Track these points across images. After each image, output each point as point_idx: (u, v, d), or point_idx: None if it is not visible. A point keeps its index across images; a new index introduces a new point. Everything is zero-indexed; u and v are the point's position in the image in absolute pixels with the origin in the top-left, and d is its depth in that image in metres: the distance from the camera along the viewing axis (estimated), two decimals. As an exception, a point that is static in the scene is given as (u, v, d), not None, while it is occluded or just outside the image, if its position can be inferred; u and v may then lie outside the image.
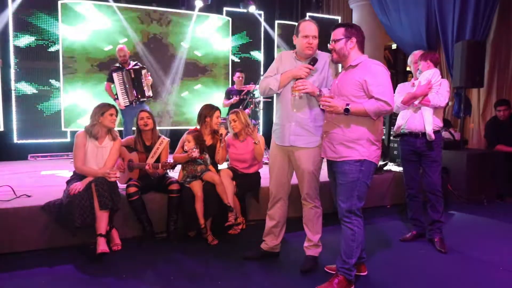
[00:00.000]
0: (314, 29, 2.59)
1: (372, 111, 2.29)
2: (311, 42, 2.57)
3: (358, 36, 2.41)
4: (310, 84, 2.49)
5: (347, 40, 2.40)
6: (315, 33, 2.59)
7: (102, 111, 3.12)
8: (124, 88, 5.04)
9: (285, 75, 2.61)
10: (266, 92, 2.71)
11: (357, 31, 2.42)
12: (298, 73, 2.52)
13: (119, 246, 3.09)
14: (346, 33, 2.40)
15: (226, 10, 7.36)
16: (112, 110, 3.16)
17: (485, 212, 4.39)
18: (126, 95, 5.06)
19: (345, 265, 2.39)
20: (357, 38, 2.40)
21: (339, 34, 2.42)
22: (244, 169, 3.63)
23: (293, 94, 2.51)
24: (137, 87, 5.08)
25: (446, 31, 5.85)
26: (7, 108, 5.85)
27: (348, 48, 2.41)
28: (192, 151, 3.26)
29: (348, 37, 2.40)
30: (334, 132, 2.42)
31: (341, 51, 2.42)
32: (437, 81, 3.20)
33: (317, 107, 2.58)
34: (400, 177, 4.36)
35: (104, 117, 3.12)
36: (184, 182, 3.39)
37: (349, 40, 2.40)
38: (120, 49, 5.12)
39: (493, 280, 2.67)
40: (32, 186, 3.78)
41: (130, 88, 5.05)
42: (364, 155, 2.35)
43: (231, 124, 3.58)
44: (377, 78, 2.30)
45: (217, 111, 3.60)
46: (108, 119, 3.13)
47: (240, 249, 3.07)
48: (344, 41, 2.40)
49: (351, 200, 2.37)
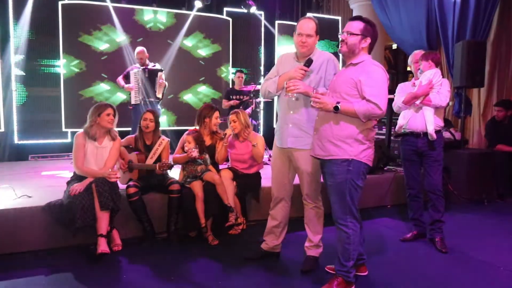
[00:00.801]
0: (308, 27, 2.55)
1: (362, 113, 2.21)
2: (304, 40, 2.55)
3: (373, 38, 2.33)
4: (302, 84, 2.47)
5: (362, 38, 2.31)
6: (308, 31, 2.55)
7: (98, 112, 3.09)
8: (138, 86, 5.16)
9: (282, 77, 2.61)
10: (266, 94, 2.74)
11: (374, 33, 2.33)
12: (293, 75, 2.51)
13: (119, 246, 3.09)
14: (365, 31, 2.30)
15: (226, 10, 7.36)
16: (109, 110, 3.12)
17: (486, 212, 4.39)
18: (138, 93, 5.17)
19: (343, 268, 2.37)
20: (372, 39, 2.33)
21: (356, 29, 2.31)
22: (245, 170, 3.63)
23: (287, 95, 2.50)
24: (149, 88, 5.17)
25: (447, 31, 5.85)
26: (8, 108, 5.85)
27: (360, 46, 2.32)
28: (191, 151, 3.27)
29: (364, 36, 2.31)
30: (323, 129, 2.37)
31: (352, 47, 2.32)
32: (438, 81, 3.19)
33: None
34: (401, 177, 4.36)
35: (101, 118, 3.09)
36: (185, 183, 3.39)
37: (364, 39, 2.32)
38: (139, 51, 5.23)
39: (493, 280, 2.67)
40: (32, 187, 3.78)
41: (143, 87, 5.15)
42: (351, 154, 2.28)
43: (231, 125, 3.58)
44: (372, 79, 2.23)
45: (216, 111, 3.60)
46: (105, 119, 3.10)
47: (241, 249, 3.08)
48: (360, 38, 2.30)
49: (343, 202, 2.32)
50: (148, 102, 5.15)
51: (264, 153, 3.61)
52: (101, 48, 6.38)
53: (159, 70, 5.29)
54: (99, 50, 6.36)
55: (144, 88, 5.14)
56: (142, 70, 5.17)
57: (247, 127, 3.56)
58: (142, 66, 5.21)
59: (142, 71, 5.17)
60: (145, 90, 5.14)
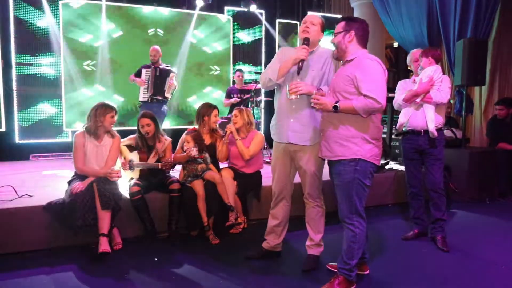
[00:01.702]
0: (313, 17, 2.62)
1: (361, 109, 2.21)
2: (308, 26, 2.57)
3: (358, 29, 2.33)
4: (304, 84, 2.44)
5: (345, 33, 2.33)
6: (312, 19, 2.59)
7: (104, 113, 3.12)
8: (147, 83, 5.19)
9: (284, 63, 2.55)
10: (266, 83, 2.64)
11: (358, 25, 2.33)
12: (297, 56, 2.47)
13: (120, 245, 3.09)
14: (346, 26, 2.34)
15: (227, 9, 7.35)
16: (113, 113, 3.17)
17: (487, 210, 4.38)
18: (146, 90, 5.21)
19: (346, 266, 2.37)
20: (357, 31, 2.32)
21: (339, 28, 2.37)
22: (243, 168, 3.60)
23: (289, 97, 2.45)
24: (158, 86, 5.19)
25: (448, 29, 5.83)
26: (9, 108, 5.86)
27: (346, 41, 2.34)
28: (190, 151, 3.26)
29: (347, 31, 2.33)
30: (329, 130, 2.37)
31: (339, 44, 2.37)
32: (439, 78, 3.17)
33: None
34: (402, 176, 4.35)
35: (105, 118, 3.12)
36: (185, 182, 3.39)
37: (348, 33, 2.33)
38: (152, 49, 5.24)
39: (495, 279, 2.66)
40: (34, 186, 3.78)
41: (151, 85, 5.17)
42: (358, 154, 2.28)
43: (232, 119, 3.57)
44: (368, 74, 2.22)
45: (215, 109, 3.60)
46: (108, 120, 3.13)
47: (242, 248, 3.07)
48: (343, 34, 2.34)
49: (350, 201, 2.32)
50: (155, 100, 5.18)
51: (254, 152, 3.52)
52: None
53: (171, 71, 5.31)
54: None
55: (153, 86, 5.16)
56: (154, 68, 5.19)
57: (250, 125, 3.55)
58: (154, 65, 5.22)
59: (154, 69, 5.19)
60: (154, 88, 5.16)
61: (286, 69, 2.55)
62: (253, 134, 3.58)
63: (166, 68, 5.30)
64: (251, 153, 3.49)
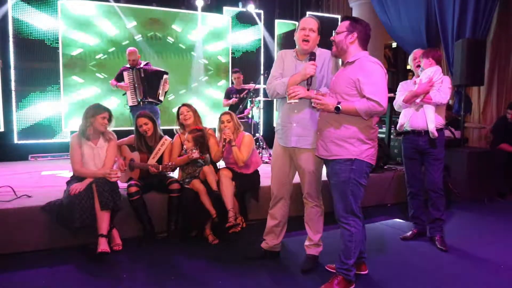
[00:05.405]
0: (312, 22, 2.59)
1: (363, 111, 2.23)
2: (308, 34, 2.56)
3: (361, 32, 2.34)
4: (302, 89, 2.45)
5: (348, 33, 2.34)
6: (312, 26, 2.58)
7: (94, 113, 3.08)
8: (133, 87, 4.92)
9: (292, 79, 2.54)
10: (274, 95, 2.67)
11: (361, 27, 2.35)
12: (307, 72, 2.47)
13: (119, 246, 3.09)
14: (350, 26, 2.34)
15: (225, 9, 7.35)
16: (105, 114, 3.11)
17: (486, 210, 4.39)
18: (134, 94, 4.93)
19: (344, 265, 2.38)
20: (359, 34, 2.34)
21: (342, 27, 2.36)
22: (242, 169, 3.57)
23: (289, 102, 2.47)
24: (148, 88, 4.93)
25: (446, 29, 5.84)
26: (7, 108, 5.85)
27: (347, 42, 2.35)
28: (192, 152, 3.25)
29: (350, 31, 2.34)
30: (326, 130, 2.39)
31: (339, 44, 2.37)
32: (439, 78, 3.18)
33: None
34: (401, 176, 4.36)
35: (96, 119, 3.08)
36: (184, 183, 3.38)
37: (350, 34, 2.34)
38: (130, 52, 4.96)
39: (493, 279, 2.67)
40: (32, 187, 3.77)
41: (139, 87, 4.91)
42: (354, 154, 2.30)
43: (224, 125, 3.41)
44: (371, 77, 2.24)
45: (183, 106, 3.58)
46: (99, 122, 3.08)
47: (241, 249, 3.08)
48: (345, 34, 2.34)
49: (345, 200, 2.34)
50: (147, 102, 4.93)
51: (247, 157, 3.41)
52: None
53: (164, 72, 5.04)
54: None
55: (142, 88, 4.89)
56: (137, 70, 4.92)
57: (239, 127, 3.51)
58: (134, 67, 4.93)
59: (137, 70, 4.92)
60: (144, 90, 4.90)
61: (294, 85, 2.54)
62: (241, 137, 3.50)
63: (152, 68, 5.02)
64: (245, 159, 3.41)
